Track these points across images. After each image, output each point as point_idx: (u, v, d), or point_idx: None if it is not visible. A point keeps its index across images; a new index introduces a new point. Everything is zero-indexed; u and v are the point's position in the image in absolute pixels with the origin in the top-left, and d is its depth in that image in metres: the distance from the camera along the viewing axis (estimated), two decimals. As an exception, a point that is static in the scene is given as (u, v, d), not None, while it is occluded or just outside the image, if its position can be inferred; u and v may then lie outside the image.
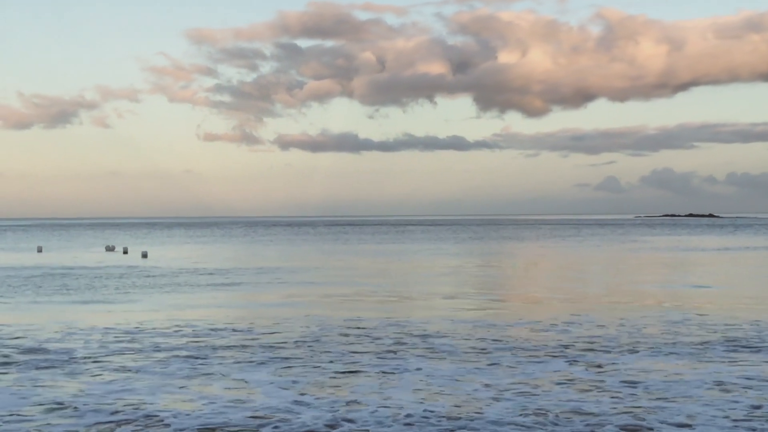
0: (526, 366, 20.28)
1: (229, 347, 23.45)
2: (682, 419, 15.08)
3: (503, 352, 22.26)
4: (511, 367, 20.23)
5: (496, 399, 16.72)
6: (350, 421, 15.07)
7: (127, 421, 15.10)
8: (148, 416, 15.49)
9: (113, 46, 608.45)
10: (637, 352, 22.30)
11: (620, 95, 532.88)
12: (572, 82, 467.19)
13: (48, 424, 14.99)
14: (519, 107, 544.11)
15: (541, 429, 14.50)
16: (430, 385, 18.18)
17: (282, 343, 24.27)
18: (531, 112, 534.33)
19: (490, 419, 15.14)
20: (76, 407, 16.16)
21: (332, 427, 14.69)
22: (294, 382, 18.60)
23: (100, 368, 20.36)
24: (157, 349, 23.27)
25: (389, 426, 14.73)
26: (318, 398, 16.91)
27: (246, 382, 18.65)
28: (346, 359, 21.40)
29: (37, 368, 20.33)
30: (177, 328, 27.41)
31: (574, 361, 20.95)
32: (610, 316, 29.87)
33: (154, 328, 27.46)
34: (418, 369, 19.99)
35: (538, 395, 17.03)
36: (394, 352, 22.40)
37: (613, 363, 20.61)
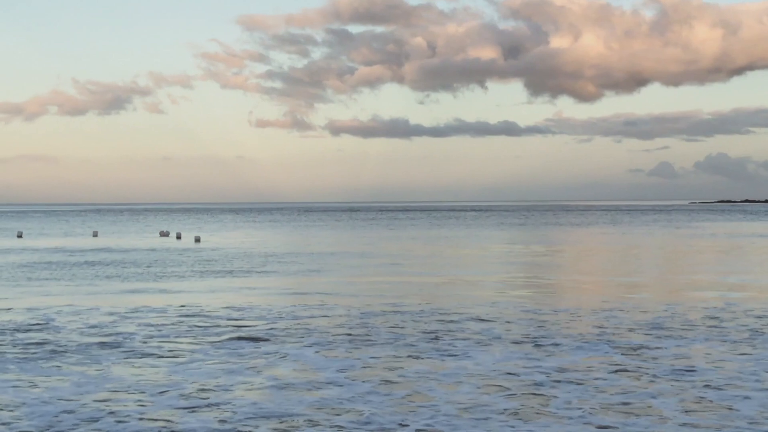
0: (574, 352, 20.42)
1: (285, 330, 23.85)
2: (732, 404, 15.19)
3: (551, 339, 22.41)
4: (556, 353, 20.38)
5: (553, 386, 16.91)
6: (412, 410, 15.38)
7: (197, 407, 15.51)
8: (217, 401, 15.91)
9: (166, 32, 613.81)
10: (687, 338, 22.33)
11: (674, 80, 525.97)
12: (625, 66, 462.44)
13: (124, 406, 15.45)
14: (571, 92, 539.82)
15: (601, 419, 14.68)
16: (479, 371, 18.42)
17: (337, 327, 24.62)
18: (583, 97, 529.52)
19: (550, 410, 15.35)
20: (142, 390, 16.62)
21: (397, 412, 15.01)
22: (349, 367, 18.93)
23: (161, 350, 20.86)
24: (216, 331, 23.75)
25: (450, 415, 15.01)
26: (378, 385, 17.23)
27: (304, 364, 19.02)
28: (398, 344, 21.70)
29: (100, 350, 20.87)
30: (233, 311, 27.88)
31: (622, 347, 21.05)
32: (662, 303, 29.84)
33: (210, 311, 27.95)
34: (467, 355, 20.23)
35: (591, 383, 17.19)
36: (440, 339, 22.64)
37: (662, 349, 20.68)
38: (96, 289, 36.12)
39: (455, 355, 20.05)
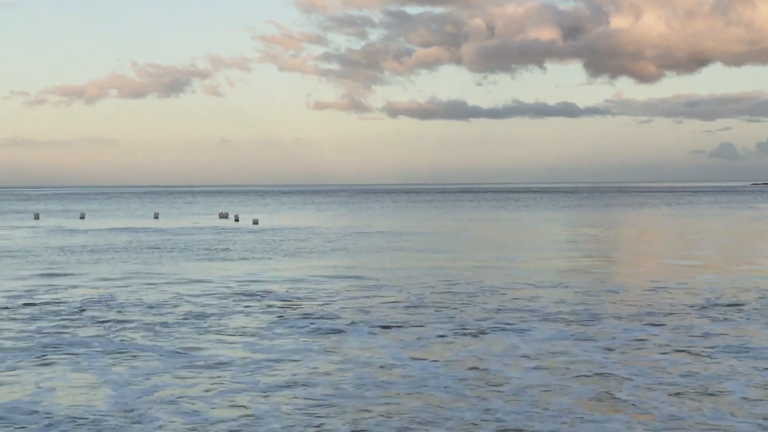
0: (630, 332, 20.42)
1: (344, 308, 24.13)
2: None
3: (608, 318, 22.41)
4: (611, 332, 20.39)
5: (617, 365, 16.95)
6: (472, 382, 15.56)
7: (277, 386, 15.81)
8: (291, 380, 16.21)
9: (224, 15, 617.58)
10: (742, 320, 22.19)
11: (736, 60, 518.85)
12: (686, 46, 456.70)
13: (218, 379, 15.80)
14: (631, 73, 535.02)
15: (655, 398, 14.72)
16: (538, 349, 18.51)
17: (396, 306, 24.83)
18: (643, 78, 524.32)
19: (622, 396, 15.42)
20: (220, 362, 16.98)
21: (457, 390, 15.19)
22: (406, 345, 19.15)
23: (228, 327, 21.25)
24: (283, 309, 24.12)
25: (526, 400, 15.15)
26: (440, 361, 17.42)
27: (367, 343, 19.27)
28: (455, 322, 21.85)
29: (178, 325, 21.32)
30: (293, 290, 28.21)
31: (679, 328, 20.99)
32: (720, 284, 29.62)
33: (271, 290, 28.31)
34: (527, 334, 20.33)
35: (652, 364, 17.21)
36: (496, 317, 22.75)
37: (717, 329, 20.59)
38: (160, 269, 36.67)
39: (519, 332, 20.14)
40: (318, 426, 12.84)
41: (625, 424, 12.90)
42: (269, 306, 25.14)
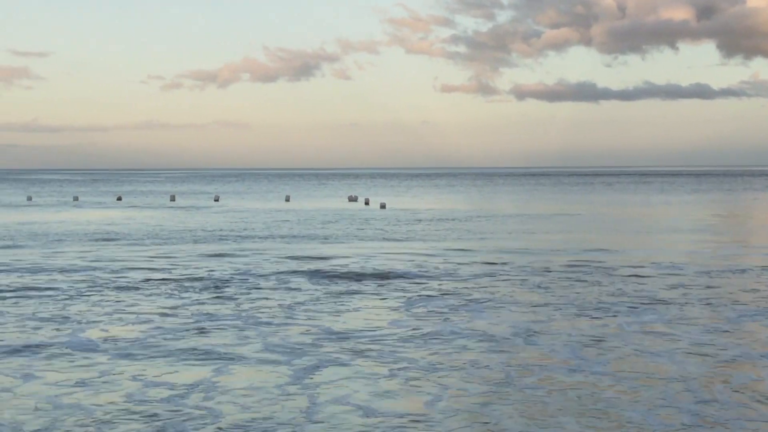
0: (755, 319, 20.30)
1: (472, 288, 24.60)
2: None
3: (742, 307, 22.28)
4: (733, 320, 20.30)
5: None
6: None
7: (425, 368, 16.41)
8: (424, 346, 16.80)
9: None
10: None
11: None
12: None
13: (366, 356, 16.54)
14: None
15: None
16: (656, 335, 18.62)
17: (523, 286, 25.17)
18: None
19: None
20: (374, 338, 17.71)
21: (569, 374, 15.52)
22: (535, 325, 19.51)
23: (360, 307, 22.02)
24: (416, 288, 24.76)
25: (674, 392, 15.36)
26: (560, 342, 17.75)
27: (496, 318, 19.73)
28: (579, 303, 22.09)
29: (313, 303, 22.19)
30: (426, 270, 28.80)
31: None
32: None
33: (404, 270, 28.94)
34: (661, 319, 20.42)
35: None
36: (625, 300, 22.84)
37: None
38: (293, 249, 37.68)
39: (636, 314, 20.28)
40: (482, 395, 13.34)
41: None
42: (403, 286, 25.77)
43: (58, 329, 18.92)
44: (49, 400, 13.23)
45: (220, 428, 11.86)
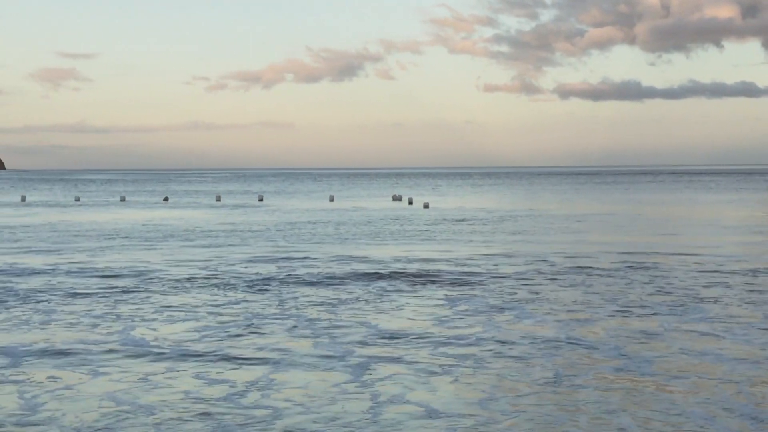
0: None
1: (516, 287, 24.76)
2: None
3: (793, 302, 22.22)
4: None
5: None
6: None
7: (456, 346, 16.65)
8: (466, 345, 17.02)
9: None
10: None
11: None
12: None
13: (415, 354, 16.80)
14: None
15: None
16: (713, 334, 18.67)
17: (566, 286, 25.27)
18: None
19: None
20: (418, 335, 17.97)
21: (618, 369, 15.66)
22: (581, 326, 19.64)
23: (402, 305, 22.27)
24: (458, 288, 24.98)
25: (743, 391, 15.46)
26: (617, 340, 17.87)
27: (528, 321, 19.89)
28: (621, 302, 22.18)
29: (354, 300, 22.50)
30: (469, 270, 28.99)
31: None
32: None
33: (446, 270, 29.15)
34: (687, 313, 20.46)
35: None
36: (671, 298, 22.86)
37: None
38: (337, 247, 38.00)
39: (682, 313, 20.33)
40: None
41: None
42: (447, 285, 25.99)
43: (110, 328, 19.35)
44: (111, 398, 13.51)
45: (280, 428, 12.00)
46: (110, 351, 16.80)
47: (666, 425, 12.04)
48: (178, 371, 15.23)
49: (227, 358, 16.17)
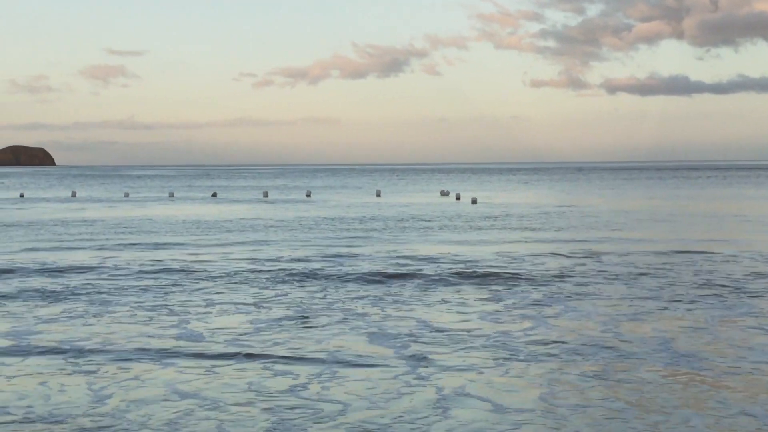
0: None
1: (563, 282, 24.78)
2: None
3: None
4: None
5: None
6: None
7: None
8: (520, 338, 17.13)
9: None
10: None
11: None
12: None
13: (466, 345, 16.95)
14: None
15: None
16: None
17: (614, 279, 25.24)
18: None
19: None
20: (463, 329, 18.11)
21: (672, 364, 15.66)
22: (630, 318, 19.65)
23: (449, 298, 22.40)
24: (505, 281, 25.07)
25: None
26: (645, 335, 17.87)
27: (578, 313, 19.93)
28: (665, 297, 22.13)
29: (412, 288, 22.68)
30: (517, 265, 29.03)
31: None
32: None
33: (490, 268, 29.23)
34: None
35: None
36: (711, 290, 22.76)
37: None
38: (383, 241, 38.17)
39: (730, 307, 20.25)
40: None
41: None
42: (494, 279, 26.06)
43: (165, 321, 19.69)
44: (174, 390, 13.75)
45: (351, 423, 12.08)
46: (168, 345, 17.07)
47: (734, 424, 11.89)
48: (239, 365, 15.38)
49: (285, 352, 16.33)
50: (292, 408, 12.73)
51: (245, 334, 18.08)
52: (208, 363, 15.53)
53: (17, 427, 11.92)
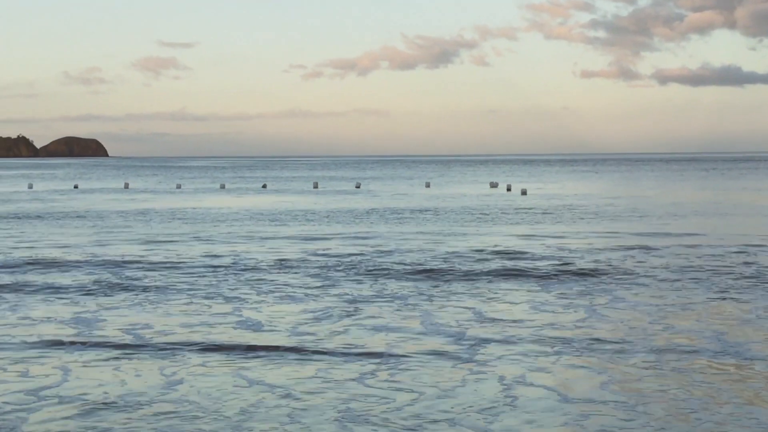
0: None
1: (613, 272, 24.85)
2: None
3: None
4: None
5: None
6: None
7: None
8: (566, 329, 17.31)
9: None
10: None
11: None
12: None
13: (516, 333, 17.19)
14: None
15: None
16: None
17: (660, 268, 25.26)
18: None
19: None
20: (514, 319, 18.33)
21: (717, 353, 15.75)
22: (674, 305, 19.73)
23: (495, 289, 22.61)
24: (556, 268, 25.21)
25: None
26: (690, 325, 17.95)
27: (627, 303, 20.04)
28: (713, 288, 22.14)
29: (456, 280, 22.93)
30: (567, 254, 29.11)
31: None
32: None
33: (540, 258, 29.33)
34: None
35: None
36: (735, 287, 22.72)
37: None
38: (434, 232, 38.37)
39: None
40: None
41: None
42: (545, 269, 26.18)
43: (219, 309, 20.09)
44: (242, 377, 14.02)
45: (422, 412, 12.13)
46: (227, 334, 17.39)
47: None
48: (301, 355, 15.55)
49: (345, 342, 16.52)
50: (365, 396, 12.84)
51: (303, 324, 18.31)
52: (270, 353, 15.73)
53: (98, 412, 12.21)
